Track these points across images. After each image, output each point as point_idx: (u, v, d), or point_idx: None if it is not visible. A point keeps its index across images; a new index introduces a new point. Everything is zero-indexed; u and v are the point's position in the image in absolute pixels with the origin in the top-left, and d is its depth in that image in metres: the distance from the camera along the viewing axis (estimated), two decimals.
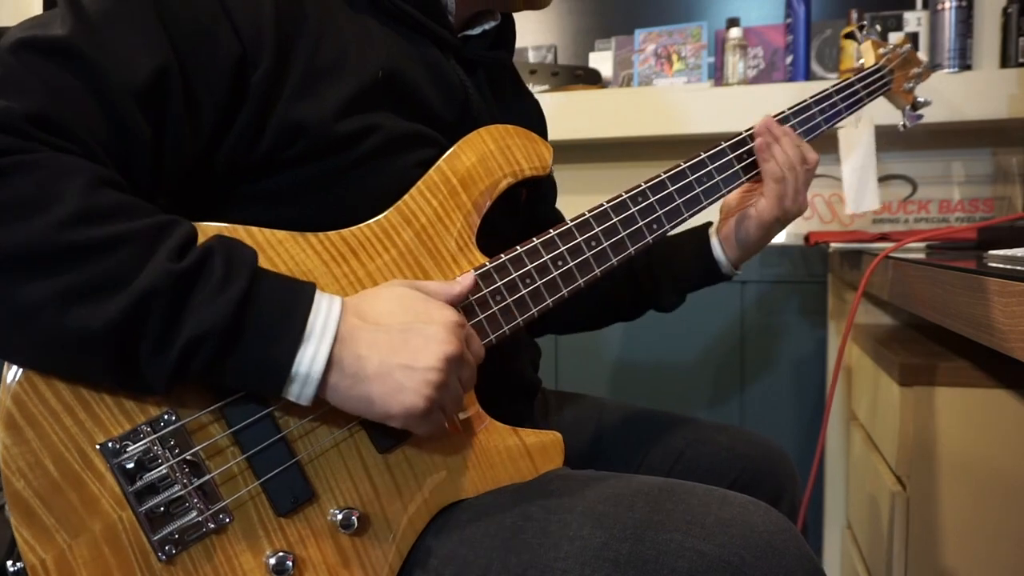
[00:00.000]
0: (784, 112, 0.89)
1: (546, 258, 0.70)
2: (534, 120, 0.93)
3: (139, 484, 0.54)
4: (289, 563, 0.56)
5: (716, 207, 0.88)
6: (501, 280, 0.68)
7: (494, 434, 0.67)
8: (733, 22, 1.70)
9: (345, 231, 0.63)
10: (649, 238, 0.76)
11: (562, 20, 1.97)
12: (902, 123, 1.08)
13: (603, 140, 1.72)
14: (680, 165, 0.80)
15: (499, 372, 0.60)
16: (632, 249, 0.74)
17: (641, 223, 0.75)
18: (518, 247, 0.69)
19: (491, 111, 0.79)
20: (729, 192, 0.83)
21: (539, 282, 0.69)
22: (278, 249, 0.60)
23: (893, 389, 1.00)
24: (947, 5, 1.55)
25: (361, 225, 0.64)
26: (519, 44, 0.90)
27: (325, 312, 0.55)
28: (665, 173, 0.79)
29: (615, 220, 0.74)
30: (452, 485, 0.65)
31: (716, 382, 1.73)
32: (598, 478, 0.65)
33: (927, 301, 0.82)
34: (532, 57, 1.91)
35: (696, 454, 0.88)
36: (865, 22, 1.61)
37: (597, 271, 0.72)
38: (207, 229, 0.58)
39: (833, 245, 1.50)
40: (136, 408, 0.55)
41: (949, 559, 0.95)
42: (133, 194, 0.54)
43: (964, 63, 1.55)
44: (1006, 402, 0.92)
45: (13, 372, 0.53)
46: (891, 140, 1.53)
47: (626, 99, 1.71)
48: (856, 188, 1.19)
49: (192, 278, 0.51)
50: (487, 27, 0.79)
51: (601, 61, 1.86)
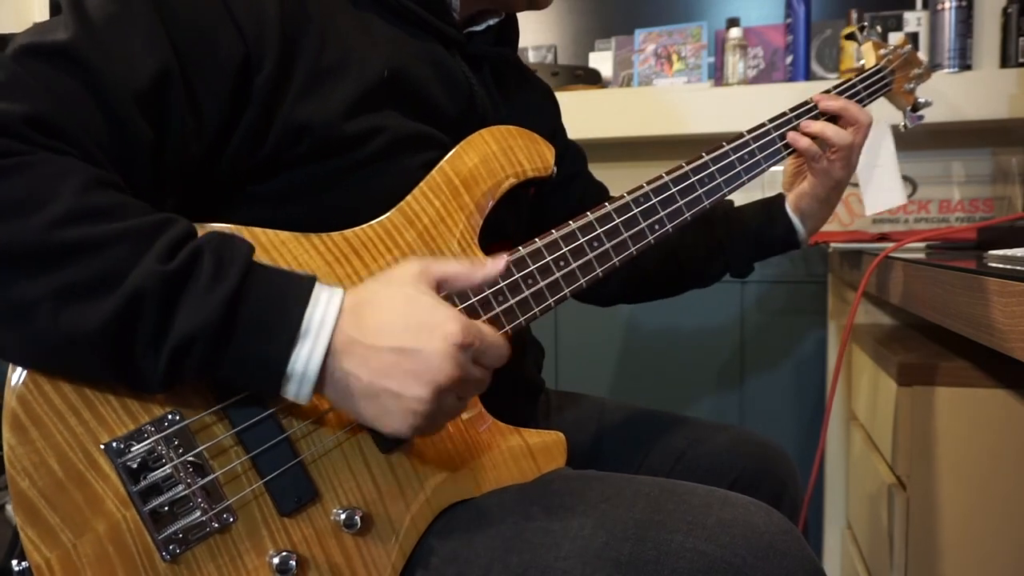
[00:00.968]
0: (785, 113, 0.89)
1: (548, 259, 0.70)
2: (544, 112, 0.94)
3: (143, 484, 0.54)
4: (292, 563, 0.56)
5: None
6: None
7: (497, 434, 0.68)
8: (733, 22, 1.70)
9: (348, 232, 0.64)
10: (651, 238, 0.76)
11: (562, 20, 1.97)
12: (903, 124, 1.08)
13: (603, 140, 1.72)
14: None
15: (504, 372, 0.59)
16: (634, 248, 0.75)
17: (643, 224, 0.75)
18: (521, 247, 0.69)
19: (496, 107, 0.79)
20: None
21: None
22: (281, 250, 0.61)
23: (893, 389, 1.00)
24: (947, 5, 1.55)
25: (364, 226, 0.64)
26: (519, 44, 0.91)
27: (323, 307, 0.54)
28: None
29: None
30: (455, 485, 0.65)
31: (716, 382, 1.73)
32: (599, 478, 0.65)
33: (927, 301, 0.82)
34: (532, 57, 1.91)
35: (696, 454, 0.88)
36: (866, 23, 1.61)
37: (599, 269, 0.73)
38: (209, 229, 0.58)
39: (833, 245, 1.50)
40: (140, 408, 0.55)
41: (949, 559, 0.95)
42: (134, 195, 0.54)
43: (964, 63, 1.55)
44: (1006, 402, 0.92)
45: (18, 373, 0.53)
46: None
47: (626, 99, 1.72)
48: (868, 185, 1.19)
49: (181, 278, 0.51)
50: (491, 22, 0.79)
51: (601, 61, 1.86)
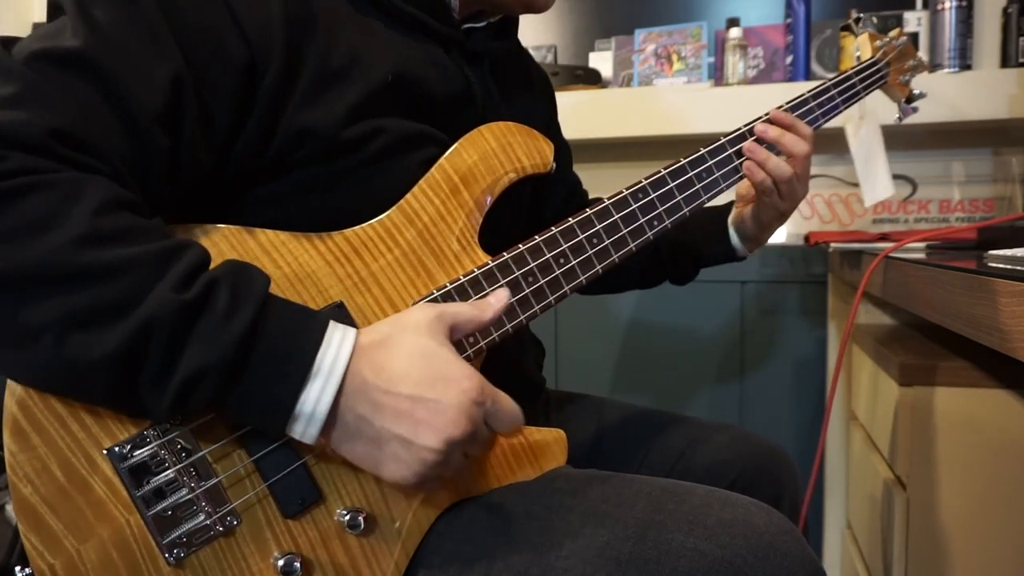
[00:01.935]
0: (783, 107, 0.89)
1: (548, 256, 0.70)
2: (542, 107, 0.94)
3: (146, 488, 0.54)
4: (297, 564, 0.57)
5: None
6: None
7: (498, 433, 0.68)
8: (733, 22, 1.70)
9: (348, 231, 0.64)
10: (649, 234, 0.76)
11: (562, 20, 1.97)
12: (897, 116, 1.08)
13: (603, 140, 1.72)
14: (680, 161, 0.81)
15: (505, 371, 0.60)
16: (633, 245, 0.75)
17: (642, 220, 0.76)
18: (520, 244, 0.70)
19: (495, 104, 0.79)
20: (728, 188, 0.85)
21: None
22: (281, 251, 0.61)
23: (893, 389, 1.01)
24: (947, 5, 1.55)
25: (364, 225, 0.64)
26: (519, 44, 0.91)
27: (336, 348, 0.54)
28: (665, 169, 0.79)
29: (616, 217, 0.75)
30: (456, 484, 0.65)
31: (716, 382, 1.73)
32: (600, 478, 0.66)
33: (927, 301, 0.83)
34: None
35: (696, 454, 0.88)
36: (862, 15, 1.61)
37: (599, 266, 0.73)
38: (211, 231, 0.59)
39: (833, 245, 1.50)
40: None
41: (949, 559, 0.95)
42: (149, 205, 0.54)
43: (964, 63, 1.56)
44: (1006, 402, 0.92)
45: None
46: (891, 140, 1.53)
47: (626, 99, 1.72)
48: (866, 179, 1.20)
49: (196, 310, 0.50)
50: (491, 19, 0.79)
51: (601, 61, 1.87)
